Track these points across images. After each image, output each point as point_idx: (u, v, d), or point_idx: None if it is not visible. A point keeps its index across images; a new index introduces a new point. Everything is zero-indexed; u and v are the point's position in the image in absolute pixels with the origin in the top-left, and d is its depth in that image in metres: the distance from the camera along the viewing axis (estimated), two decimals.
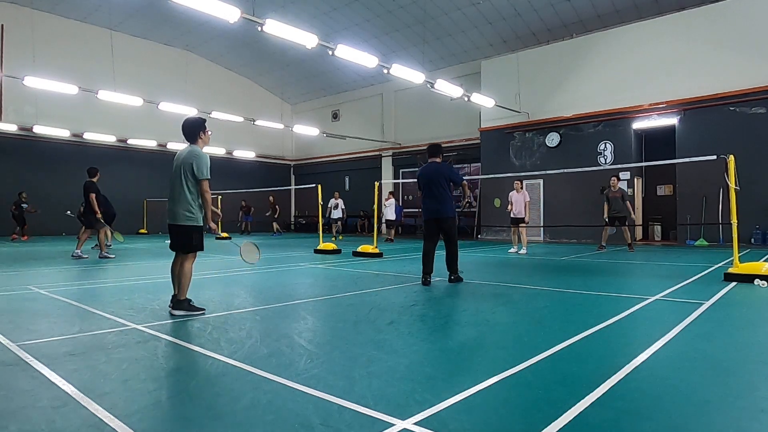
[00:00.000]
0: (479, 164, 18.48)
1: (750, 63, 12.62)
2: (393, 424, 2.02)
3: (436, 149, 6.65)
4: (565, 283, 6.45)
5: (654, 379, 2.59)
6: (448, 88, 13.53)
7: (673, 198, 14.55)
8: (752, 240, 12.42)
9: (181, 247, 4.42)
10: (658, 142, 15.13)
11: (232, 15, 8.31)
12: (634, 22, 14.84)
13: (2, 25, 17.47)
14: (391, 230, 17.11)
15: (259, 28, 8.99)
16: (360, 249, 10.53)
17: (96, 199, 9.65)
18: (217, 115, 17.79)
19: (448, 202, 6.39)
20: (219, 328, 3.85)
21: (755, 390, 2.47)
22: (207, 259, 4.97)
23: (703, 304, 4.69)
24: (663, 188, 16.10)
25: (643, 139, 15.87)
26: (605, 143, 15.13)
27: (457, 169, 19.94)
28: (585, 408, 2.19)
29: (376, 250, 10.32)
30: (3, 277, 6.84)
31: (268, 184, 23.03)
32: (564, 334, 3.52)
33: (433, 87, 13.09)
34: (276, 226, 20.91)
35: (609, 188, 11.89)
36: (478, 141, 18.43)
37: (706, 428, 2.02)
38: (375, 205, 11.35)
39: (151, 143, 20.65)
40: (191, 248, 4.41)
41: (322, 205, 12.01)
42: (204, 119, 4.69)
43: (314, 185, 12.06)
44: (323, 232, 12.19)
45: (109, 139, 20.01)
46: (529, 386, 2.51)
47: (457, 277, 6.40)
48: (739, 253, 6.45)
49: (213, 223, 4.49)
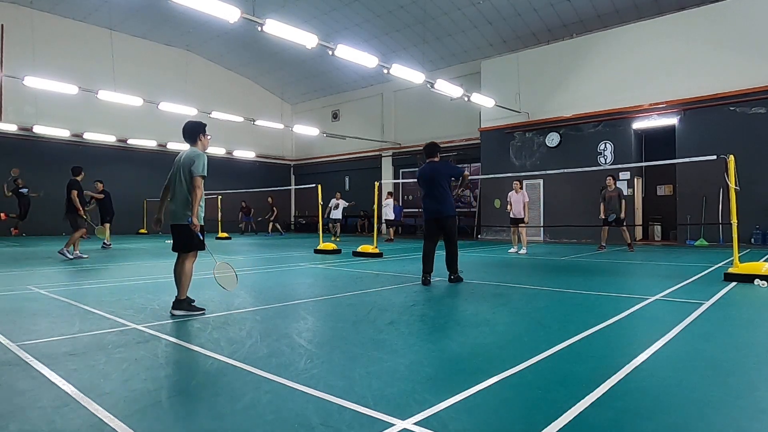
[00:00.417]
0: (479, 164, 18.48)
1: (750, 63, 12.62)
2: (393, 424, 2.02)
3: (433, 149, 6.62)
4: (565, 283, 6.45)
5: (654, 379, 2.59)
6: (448, 88, 13.54)
7: (673, 198, 14.55)
8: (752, 240, 12.42)
9: (183, 246, 4.44)
10: (658, 142, 15.13)
11: (232, 15, 8.31)
12: (634, 22, 14.84)
13: (2, 25, 17.48)
14: (390, 230, 17.11)
15: (259, 28, 8.99)
16: (360, 249, 10.54)
17: (78, 196, 9.60)
18: (217, 115, 17.80)
19: (448, 201, 6.41)
20: (219, 328, 3.85)
21: (755, 390, 2.47)
22: (207, 258, 4.96)
23: (703, 304, 4.69)
24: (663, 188, 16.10)
25: (643, 139, 15.86)
26: (605, 143, 15.13)
27: None
28: (585, 408, 2.19)
29: (376, 250, 10.32)
30: (3, 277, 6.84)
31: (268, 184, 23.02)
32: (564, 334, 3.52)
33: (433, 87, 13.09)
34: (274, 227, 20.89)
35: (605, 188, 11.91)
36: (478, 141, 18.43)
37: (706, 428, 2.02)
38: (375, 205, 11.36)
39: (151, 143, 20.65)
40: (192, 246, 4.43)
41: (322, 205, 12.02)
42: (204, 123, 4.72)
43: (314, 185, 12.06)
44: (323, 232, 12.19)
45: (109, 139, 20.01)
46: (529, 386, 2.51)
47: (457, 277, 6.40)
48: (739, 253, 6.45)
49: (197, 219, 4.32)
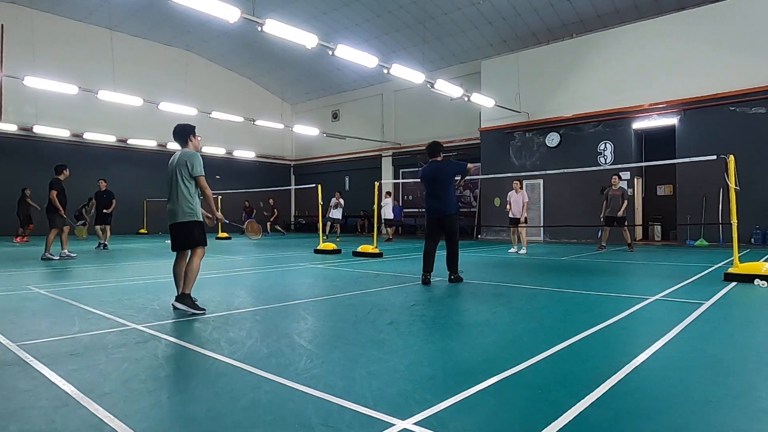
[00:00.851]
0: (479, 164, 18.47)
1: (750, 63, 12.62)
2: (393, 424, 2.02)
3: (436, 148, 6.61)
4: (565, 283, 6.45)
5: (654, 379, 2.59)
6: (448, 88, 13.53)
7: (673, 198, 14.55)
8: (752, 240, 12.42)
9: (185, 244, 4.54)
10: (658, 142, 15.13)
11: (232, 15, 8.31)
12: (634, 22, 14.84)
13: (2, 25, 17.48)
14: (390, 230, 17.10)
15: (259, 28, 8.99)
16: (360, 249, 10.53)
17: (59, 196, 9.55)
18: (217, 115, 17.80)
19: (451, 199, 6.41)
20: (219, 328, 3.85)
21: (755, 390, 2.47)
22: (207, 259, 5.00)
23: (703, 304, 4.68)
24: (663, 188, 16.10)
25: (643, 139, 15.87)
26: (605, 143, 15.13)
27: None
28: (585, 408, 2.18)
29: (376, 250, 10.32)
30: (3, 277, 6.84)
31: (268, 184, 23.01)
32: (564, 334, 3.52)
33: (433, 87, 13.09)
34: (273, 227, 20.87)
35: (609, 187, 11.90)
36: (478, 141, 18.43)
37: (706, 428, 2.02)
38: (375, 205, 11.36)
39: (151, 143, 20.65)
40: (194, 243, 4.52)
41: (322, 205, 12.02)
42: (194, 125, 4.79)
43: (314, 185, 12.06)
44: (323, 232, 12.19)
45: (109, 139, 20.01)
46: (529, 386, 2.51)
47: (457, 277, 6.40)
48: (739, 253, 6.45)
49: (219, 213, 4.68)
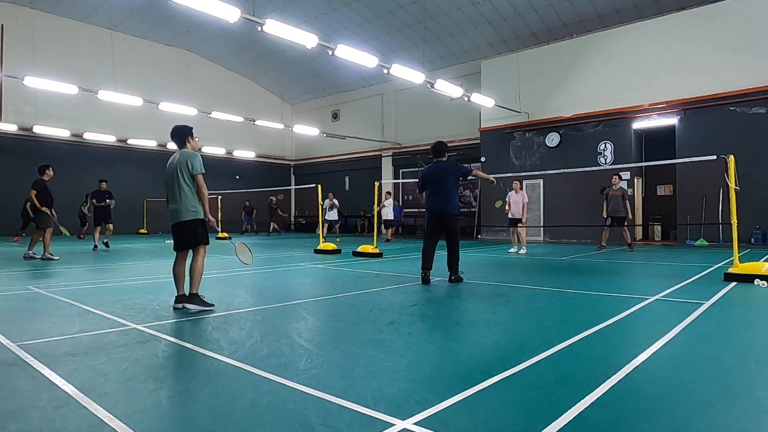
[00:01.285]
0: (479, 164, 18.47)
1: (750, 63, 12.62)
2: (393, 424, 2.02)
3: (442, 148, 6.61)
4: (565, 283, 6.45)
5: (654, 379, 2.59)
6: (448, 88, 13.54)
7: (673, 198, 14.55)
8: (752, 240, 12.42)
9: (188, 243, 4.59)
10: (658, 142, 15.13)
11: (232, 15, 8.31)
12: (634, 22, 14.84)
13: (2, 25, 17.48)
14: (389, 230, 17.09)
15: (259, 28, 8.99)
16: (360, 249, 10.54)
17: (36, 197, 9.53)
18: (217, 115, 17.80)
19: (454, 200, 6.43)
20: (219, 328, 3.85)
21: (755, 390, 2.47)
22: (207, 258, 4.99)
23: (703, 304, 4.69)
24: (663, 188, 16.11)
25: (643, 139, 15.87)
26: (605, 143, 15.13)
27: None
28: (585, 408, 2.18)
29: (376, 250, 10.32)
30: (3, 277, 6.84)
31: (268, 184, 23.02)
32: (564, 334, 3.52)
33: (433, 87, 13.09)
34: (273, 226, 20.89)
35: (610, 187, 11.89)
36: (478, 141, 18.43)
37: (706, 428, 2.02)
38: (375, 205, 11.36)
39: (151, 143, 20.65)
40: (197, 242, 4.57)
41: (322, 206, 12.03)
42: (191, 126, 4.84)
43: (314, 185, 12.06)
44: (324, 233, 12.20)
45: (109, 139, 20.01)
46: (529, 386, 2.51)
47: (457, 277, 6.39)
48: (739, 253, 6.45)
49: (211, 216, 4.66)
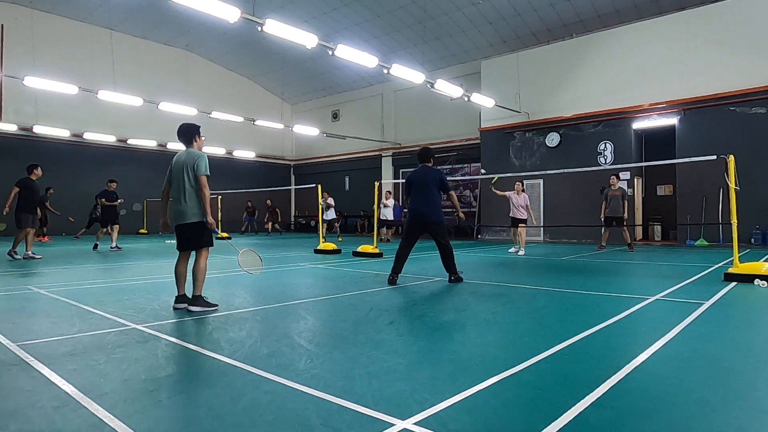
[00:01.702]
0: (479, 164, 18.48)
1: (750, 63, 12.62)
2: (393, 424, 2.02)
3: (428, 153, 6.70)
4: (565, 283, 6.45)
5: (654, 379, 2.59)
6: (448, 88, 13.54)
7: (673, 198, 14.55)
8: (752, 240, 12.42)
9: (193, 244, 4.60)
10: (658, 142, 15.13)
11: (232, 15, 8.31)
12: (634, 22, 14.84)
13: (2, 25, 17.47)
14: (389, 231, 17.07)
15: (259, 28, 8.99)
16: (360, 249, 10.54)
17: (19, 195, 9.39)
18: (217, 115, 17.80)
19: (438, 206, 6.42)
20: (219, 328, 3.85)
21: (755, 390, 2.47)
22: (209, 259, 5.03)
23: (703, 304, 4.69)
24: (663, 188, 16.11)
25: (643, 139, 15.87)
26: (605, 143, 15.13)
27: (456, 169, 20.11)
28: (585, 408, 2.18)
29: (376, 250, 10.32)
30: (3, 277, 6.85)
31: (268, 184, 23.03)
32: (564, 334, 3.52)
33: (433, 87, 13.09)
34: (270, 227, 20.89)
35: (609, 187, 11.89)
36: (478, 141, 18.44)
37: (706, 428, 2.02)
38: (375, 205, 11.36)
39: (151, 143, 20.66)
40: (202, 243, 4.60)
41: (322, 206, 12.04)
42: (198, 125, 4.82)
43: (314, 185, 12.07)
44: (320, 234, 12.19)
45: (109, 139, 20.02)
46: (529, 386, 2.51)
47: (457, 277, 6.39)
48: (739, 253, 6.45)
49: (211, 218, 4.63)
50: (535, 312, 4.48)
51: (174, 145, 20.68)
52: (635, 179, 15.04)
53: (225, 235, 18.28)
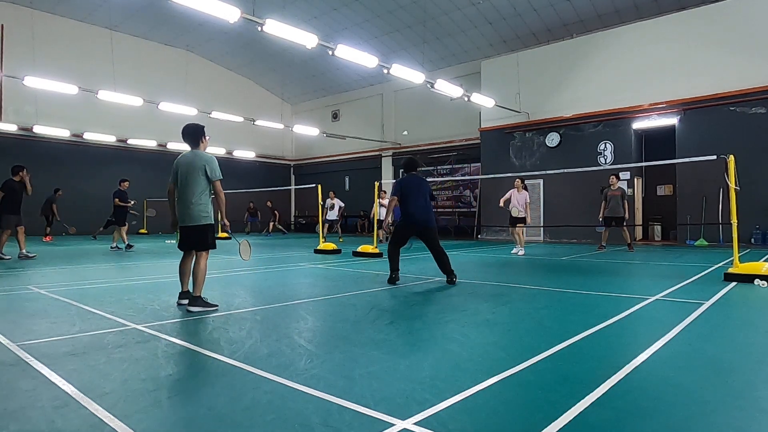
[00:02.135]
0: (479, 164, 18.48)
1: (750, 63, 12.62)
2: (393, 424, 2.02)
3: (415, 163, 6.93)
4: (565, 283, 6.45)
5: (654, 379, 2.59)
6: (448, 88, 13.53)
7: (673, 198, 14.55)
8: (752, 240, 12.42)
9: (198, 246, 4.66)
10: (658, 142, 15.13)
11: (232, 15, 8.31)
12: (634, 22, 14.84)
13: (2, 25, 17.48)
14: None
15: (259, 28, 8.99)
16: (360, 249, 10.54)
17: (2, 197, 9.35)
18: (217, 115, 17.80)
19: (432, 213, 6.63)
20: (219, 328, 3.85)
21: (755, 390, 2.47)
22: (209, 258, 5.06)
23: (703, 304, 4.69)
24: (663, 188, 16.10)
25: (643, 139, 15.87)
26: (605, 143, 15.13)
27: (456, 169, 20.12)
28: (585, 408, 2.19)
29: (376, 250, 10.32)
30: (3, 277, 6.85)
31: (268, 184, 23.03)
32: (564, 334, 3.52)
33: (433, 87, 13.09)
34: (275, 227, 20.89)
35: (608, 187, 11.88)
36: (478, 141, 18.43)
37: (706, 428, 2.02)
38: (375, 206, 11.36)
39: (151, 143, 20.65)
40: (207, 245, 4.68)
41: (322, 205, 12.03)
42: (204, 126, 4.88)
43: (314, 185, 12.07)
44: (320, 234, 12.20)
45: (109, 139, 20.01)
46: (529, 386, 2.51)
47: (454, 278, 6.40)
48: (739, 253, 6.45)
49: (227, 219, 4.84)
50: (535, 312, 4.48)
51: (174, 145, 20.69)
52: (635, 179, 15.03)
53: (224, 234, 18.28)
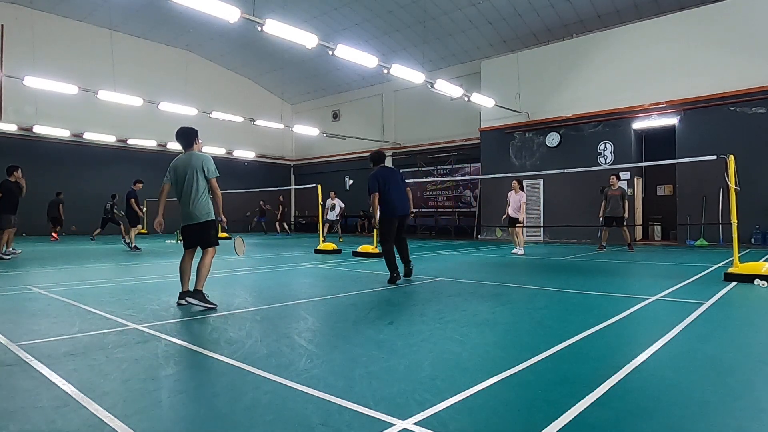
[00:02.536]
0: (479, 164, 18.49)
1: (750, 63, 12.62)
2: (393, 424, 2.02)
3: (383, 156, 7.02)
4: (565, 283, 6.45)
5: (654, 379, 2.59)
6: (448, 88, 13.53)
7: (673, 198, 14.55)
8: (752, 240, 12.42)
9: (203, 243, 4.80)
10: (658, 142, 15.13)
11: (232, 15, 8.31)
12: (634, 22, 14.84)
13: (2, 25, 17.48)
14: None
15: (259, 28, 8.99)
16: (360, 249, 10.53)
17: (4, 197, 9.42)
18: (217, 115, 17.80)
19: (408, 199, 6.78)
20: (219, 328, 3.85)
21: (755, 390, 2.47)
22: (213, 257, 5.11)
23: (703, 304, 4.69)
24: (663, 188, 16.11)
25: (643, 139, 15.87)
26: (605, 143, 15.13)
27: (456, 169, 20.13)
28: (585, 408, 2.18)
29: (376, 250, 10.31)
30: (3, 277, 6.85)
31: (268, 184, 23.02)
32: (564, 334, 3.52)
33: (433, 87, 13.09)
34: (281, 226, 20.89)
35: (608, 187, 11.88)
36: (478, 141, 18.43)
37: (706, 428, 2.02)
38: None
39: (151, 143, 20.66)
40: (211, 242, 4.80)
41: (322, 205, 12.03)
42: (196, 129, 5.02)
43: (314, 185, 12.07)
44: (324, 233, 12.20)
45: (109, 139, 20.02)
46: (529, 386, 2.51)
47: (412, 267, 6.70)
48: (739, 253, 6.45)
49: (223, 216, 4.92)
50: (535, 312, 4.48)
51: (174, 146, 20.63)
52: (635, 179, 15.03)
53: (224, 235, 18.27)
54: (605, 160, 15.05)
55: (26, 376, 2.67)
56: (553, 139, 16.18)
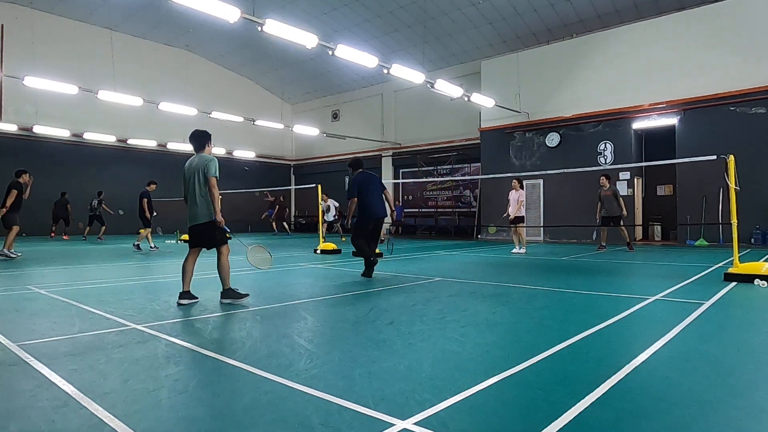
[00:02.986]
0: (479, 164, 18.49)
1: (750, 63, 12.62)
2: (393, 424, 2.02)
3: (361, 162, 7.58)
4: (565, 283, 6.45)
5: (654, 379, 2.59)
6: (448, 88, 13.53)
7: (673, 198, 14.55)
8: (752, 240, 12.42)
9: (209, 243, 4.92)
10: (658, 142, 15.13)
11: (232, 15, 8.31)
12: (634, 22, 14.84)
13: (2, 25, 17.48)
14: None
15: (259, 28, 8.99)
16: None
17: (4, 200, 9.51)
18: (217, 115, 17.79)
19: (384, 204, 7.30)
20: (219, 328, 3.86)
21: (755, 390, 2.47)
22: (208, 258, 5.08)
23: (703, 304, 4.69)
24: (663, 188, 16.10)
25: (643, 139, 15.87)
26: (605, 143, 15.13)
27: (456, 169, 20.14)
28: (585, 408, 2.19)
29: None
30: (3, 277, 6.85)
31: (268, 184, 23.04)
32: (564, 334, 3.52)
33: (433, 87, 13.09)
34: (280, 225, 20.87)
35: (600, 188, 11.87)
36: (478, 141, 18.43)
37: (706, 428, 2.02)
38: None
39: (151, 143, 20.65)
40: (216, 242, 4.91)
41: (323, 207, 12.04)
42: (210, 133, 5.20)
43: (314, 185, 12.07)
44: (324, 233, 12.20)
45: (109, 139, 20.02)
46: (529, 386, 2.51)
47: (376, 261, 7.07)
48: (739, 253, 6.45)
49: (221, 216, 4.94)
50: (535, 312, 4.48)
51: (174, 146, 20.67)
52: (635, 179, 15.03)
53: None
54: (605, 160, 15.05)
55: (26, 376, 2.67)
56: (553, 139, 16.18)
